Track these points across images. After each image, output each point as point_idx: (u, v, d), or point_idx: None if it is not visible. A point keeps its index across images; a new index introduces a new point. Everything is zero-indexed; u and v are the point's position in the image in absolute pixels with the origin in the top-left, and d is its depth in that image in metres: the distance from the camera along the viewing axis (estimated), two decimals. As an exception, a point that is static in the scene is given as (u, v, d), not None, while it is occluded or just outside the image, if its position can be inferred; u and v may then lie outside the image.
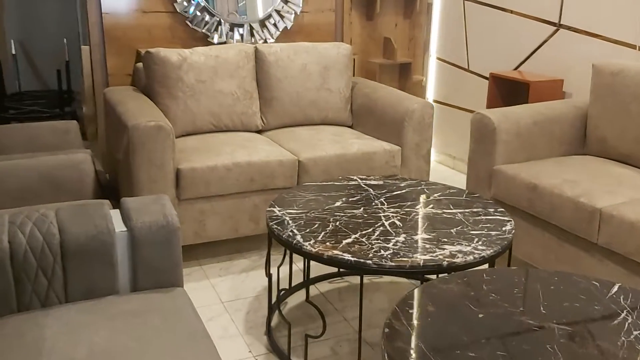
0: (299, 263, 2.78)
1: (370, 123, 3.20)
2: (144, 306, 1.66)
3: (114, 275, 1.76)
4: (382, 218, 2.07)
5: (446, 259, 1.77)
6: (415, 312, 1.51)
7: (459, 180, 3.93)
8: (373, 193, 2.31)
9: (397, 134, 2.98)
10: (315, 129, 3.19)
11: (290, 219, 2.05)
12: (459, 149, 4.16)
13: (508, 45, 3.68)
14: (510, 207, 2.58)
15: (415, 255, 1.79)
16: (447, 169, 4.22)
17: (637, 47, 2.89)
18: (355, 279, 2.67)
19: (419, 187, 2.39)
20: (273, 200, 2.23)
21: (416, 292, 1.61)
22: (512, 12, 3.62)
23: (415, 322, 1.46)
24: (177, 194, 2.58)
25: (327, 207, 2.16)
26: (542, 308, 1.53)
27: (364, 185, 2.39)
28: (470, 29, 3.97)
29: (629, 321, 1.47)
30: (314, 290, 2.55)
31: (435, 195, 2.31)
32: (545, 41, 3.42)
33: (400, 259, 1.77)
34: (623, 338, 1.40)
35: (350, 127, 3.35)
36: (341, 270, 2.69)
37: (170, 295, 1.76)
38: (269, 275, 2.18)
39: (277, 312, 2.37)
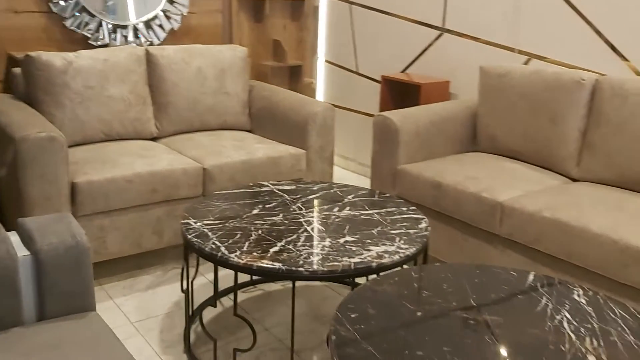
0: (207, 275, 2.68)
1: (271, 127, 3.16)
2: (59, 336, 1.50)
3: (18, 304, 1.58)
4: (304, 223, 2.05)
5: (375, 260, 1.79)
6: (357, 316, 1.51)
7: (356, 180, 4.02)
8: (288, 198, 2.28)
9: (300, 138, 2.98)
10: (215, 135, 3.10)
11: (209, 231, 1.96)
12: (352, 150, 4.26)
13: (395, 48, 3.82)
14: (415, 204, 2.68)
15: (344, 259, 1.79)
16: (340, 169, 4.30)
17: (516, 50, 3.13)
18: (268, 286, 2.62)
19: (332, 190, 2.40)
20: (185, 211, 2.12)
21: (353, 296, 1.61)
22: (397, 16, 3.77)
23: (359, 326, 1.46)
24: (74, 210, 2.37)
25: (245, 216, 2.09)
26: (472, 301, 1.60)
27: (277, 191, 2.36)
28: (358, 33, 4.08)
29: (550, 307, 1.58)
30: (227, 301, 2.47)
31: (349, 197, 2.34)
32: (430, 44, 3.59)
33: (331, 263, 1.76)
34: (549, 323, 1.50)
35: (249, 131, 3.29)
36: (254, 278, 2.64)
37: (85, 322, 1.61)
38: (186, 291, 2.07)
39: (196, 327, 2.27)
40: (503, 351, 1.37)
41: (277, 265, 1.75)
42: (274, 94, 3.22)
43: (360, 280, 2.58)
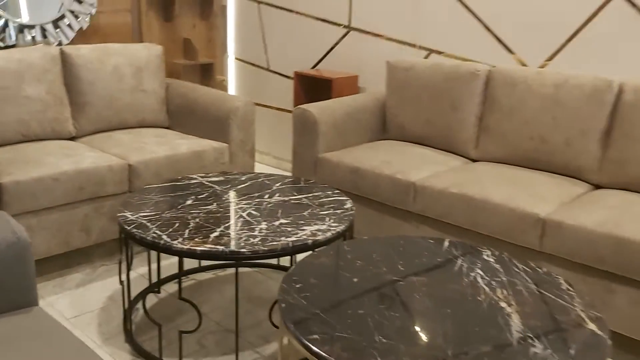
0: (138, 269, 2.72)
1: (190, 123, 3.24)
2: (7, 331, 1.54)
3: (-40, 303, 1.59)
4: (239, 210, 2.18)
5: (310, 238, 1.96)
6: (301, 286, 1.66)
7: (274, 172, 4.16)
8: (219, 189, 2.39)
9: (222, 132, 3.08)
10: (134, 132, 3.12)
11: (148, 222, 2.04)
12: (267, 144, 4.40)
13: (305, 46, 4.01)
14: (336, 189, 2.87)
15: (282, 239, 1.94)
16: (257, 163, 4.43)
17: (417, 46, 3.41)
18: (200, 276, 2.71)
19: (260, 180, 2.54)
20: (121, 205, 2.17)
21: (295, 269, 1.77)
22: (305, 15, 3.95)
23: (304, 294, 1.62)
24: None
25: (180, 207, 2.18)
26: (399, 266, 1.81)
27: (207, 183, 2.46)
28: (268, 31, 4.22)
29: (465, 267, 1.82)
30: (163, 292, 2.54)
31: (277, 185, 2.49)
32: (338, 41, 3.81)
33: (271, 243, 1.91)
34: (466, 279, 1.74)
35: (168, 128, 3.34)
36: (186, 269, 2.72)
37: (31, 316, 1.65)
38: (124, 280, 2.13)
39: (135, 318, 2.32)
40: (430, 304, 1.59)
41: (221, 247, 1.87)
42: (192, 91, 3.29)
43: (285, 262, 2.74)
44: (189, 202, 2.24)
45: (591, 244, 2.08)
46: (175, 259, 2.83)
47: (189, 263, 2.77)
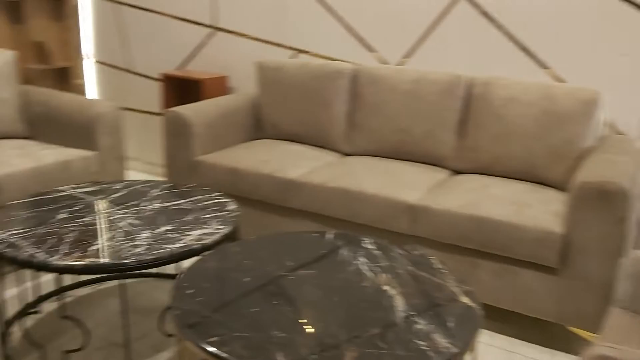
0: (12, 290, 2.53)
1: (54, 132, 3.05)
2: None
3: None
4: (117, 220, 2.11)
5: (197, 243, 1.95)
6: (193, 291, 1.66)
7: (145, 178, 4.03)
8: (93, 199, 2.29)
9: (89, 140, 2.94)
10: (-11, 145, 2.88)
11: (19, 239, 1.91)
12: (135, 149, 4.25)
13: (171, 47, 3.92)
14: (217, 192, 2.87)
15: (167, 246, 1.92)
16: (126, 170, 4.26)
17: (283, 46, 3.49)
18: (80, 291, 2.58)
19: (135, 187, 2.47)
20: (-16, 225, 2.01)
21: (185, 275, 1.76)
22: (169, 15, 3.87)
23: (198, 299, 1.62)
24: None
25: (52, 222, 2.07)
26: (287, 262, 1.87)
27: (78, 195, 2.35)
28: (130, 32, 4.07)
29: (349, 255, 1.93)
30: (40, 312, 2.38)
31: (155, 191, 2.43)
32: (204, 42, 3.78)
33: (156, 252, 1.87)
34: (351, 268, 1.84)
35: (28, 138, 3.12)
36: (62, 286, 2.57)
37: None
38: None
39: (16, 340, 2.16)
40: (320, 294, 1.67)
41: (103, 261, 1.80)
42: (53, 98, 3.10)
43: (169, 270, 2.70)
44: (61, 216, 2.13)
45: (456, 225, 2.29)
46: (51, 276, 2.67)
47: (67, 279, 2.62)
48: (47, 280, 2.62)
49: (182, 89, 3.80)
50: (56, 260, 1.79)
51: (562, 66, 2.77)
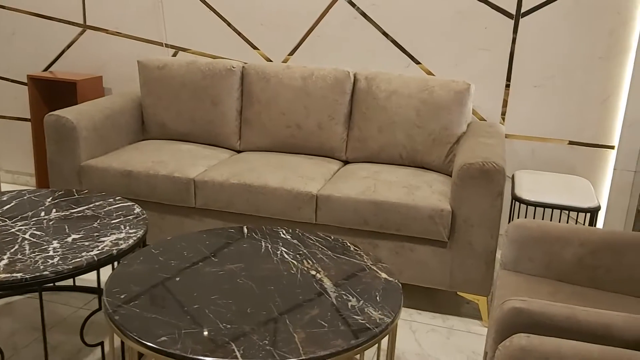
0: None
1: None
2: None
3: None
4: (18, 233, 1.99)
5: (114, 248, 1.91)
6: (125, 295, 1.64)
7: (16, 188, 3.73)
8: (-18, 213, 2.13)
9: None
10: None
11: None
12: (-4, 158, 3.91)
13: (35, 47, 3.66)
14: (116, 196, 2.77)
15: (83, 254, 1.85)
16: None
17: (164, 44, 3.44)
18: (-38, 316, 2.37)
19: (25, 197, 2.33)
20: None
21: (111, 281, 1.72)
22: (32, 14, 3.61)
23: (132, 303, 1.61)
24: None
25: (-58, 240, 1.90)
26: (213, 258, 1.90)
27: (-38, 209, 2.16)
28: (-19, 30, 3.73)
29: (270, 246, 2.01)
30: None
31: (48, 200, 2.31)
32: (74, 41, 3.59)
33: (74, 261, 1.81)
34: (275, 258, 1.93)
35: None
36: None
37: None
38: None
39: None
40: (254, 285, 1.74)
41: (18, 275, 1.71)
42: None
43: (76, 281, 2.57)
44: (-50, 233, 1.96)
45: (356, 210, 2.46)
46: None
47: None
48: None
49: (52, 91, 3.57)
50: (-38, 280, 1.66)
51: (430, 61, 3.07)
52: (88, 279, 2.70)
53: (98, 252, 1.88)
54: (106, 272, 2.76)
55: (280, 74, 2.97)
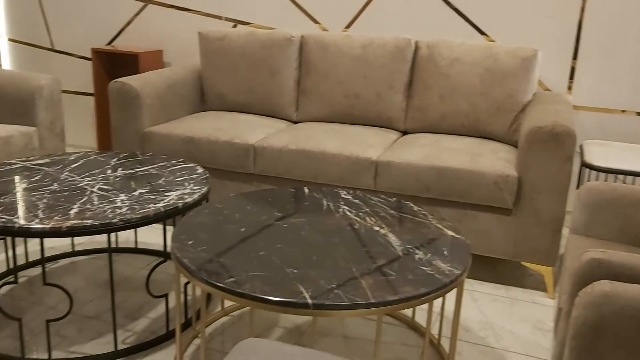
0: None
1: (-17, 109, 2.84)
2: None
3: None
4: (86, 187, 2.03)
5: (180, 201, 1.93)
6: (193, 242, 1.66)
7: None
8: (51, 170, 2.19)
9: (26, 115, 2.77)
10: None
11: (-13, 208, 1.80)
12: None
13: (97, 22, 3.76)
14: (179, 159, 2.82)
15: (150, 205, 1.88)
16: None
17: (223, 18, 3.47)
18: (37, 271, 2.45)
19: (92, 157, 2.38)
20: (-60, 197, 1.87)
21: (178, 229, 1.74)
22: (94, -11, 3.71)
23: (200, 248, 1.62)
24: None
25: (15, 191, 1.96)
26: (276, 212, 1.90)
27: (33, 166, 2.23)
28: (49, 8, 3.85)
29: (332, 205, 1.99)
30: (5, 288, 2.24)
31: (113, 160, 2.36)
32: (135, 16, 3.66)
33: (141, 211, 1.84)
34: (337, 214, 1.91)
35: (-49, 117, 2.89)
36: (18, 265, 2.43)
37: None
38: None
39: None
40: (318, 237, 1.72)
41: (89, 222, 1.74)
42: (-20, 72, 2.88)
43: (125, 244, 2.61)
44: (23, 185, 2.02)
45: (417, 177, 2.42)
46: (20, 250, 2.51)
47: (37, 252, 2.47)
48: (20, 254, 2.46)
49: (114, 65, 3.66)
50: (37, 224, 1.71)
51: (494, 31, 2.98)
52: (151, 242, 2.75)
53: (164, 204, 1.90)
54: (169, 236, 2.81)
55: (340, 43, 2.94)
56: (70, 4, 3.79)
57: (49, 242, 2.71)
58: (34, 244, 2.67)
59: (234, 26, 3.46)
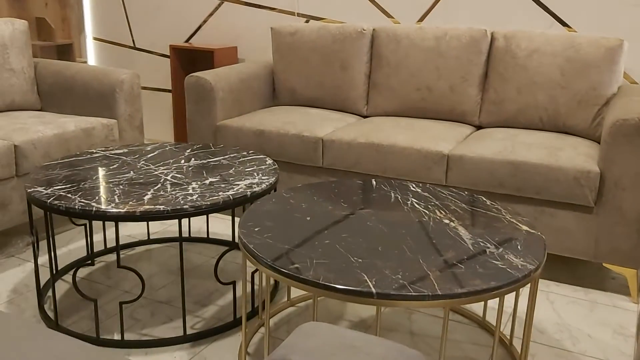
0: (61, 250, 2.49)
1: (68, 102, 3.00)
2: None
3: None
4: (160, 175, 2.10)
5: (248, 190, 1.95)
6: (259, 229, 1.67)
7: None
8: (128, 159, 2.27)
9: (108, 107, 2.90)
10: (6, 116, 2.82)
11: (68, 193, 1.89)
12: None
13: (175, 20, 3.88)
14: (250, 150, 2.87)
15: (220, 193, 1.91)
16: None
17: (296, 14, 3.49)
18: (113, 257, 2.55)
19: (167, 148, 2.45)
20: (28, 182, 1.98)
21: (246, 216, 1.76)
22: (173, -12, 3.84)
23: (267, 234, 1.63)
24: None
25: (94, 177, 2.05)
26: (343, 203, 1.88)
27: (112, 155, 2.32)
28: (131, 8, 4.02)
29: (400, 197, 1.95)
30: (79, 273, 2.35)
31: (187, 151, 2.42)
32: (212, 13, 3.76)
33: (211, 198, 1.87)
34: (405, 207, 1.86)
35: (40, 110, 3.07)
36: (96, 251, 2.54)
37: None
38: (34, 258, 1.95)
39: (70, 292, 2.13)
40: (385, 228, 1.69)
41: (161, 207, 1.79)
42: (67, 68, 3.04)
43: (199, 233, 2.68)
44: (101, 172, 2.10)
45: (491, 171, 2.33)
46: (99, 237, 2.64)
47: (113, 239, 2.59)
48: (98, 242, 2.59)
49: (191, 62, 3.77)
50: (113, 207, 1.78)
51: (575, 20, 2.83)
52: (221, 233, 2.81)
53: (233, 192, 1.93)
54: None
55: (412, 34, 2.89)
56: (150, 3, 3.93)
57: (127, 230, 2.82)
58: (111, 232, 2.79)
59: (307, 21, 3.47)
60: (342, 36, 3.03)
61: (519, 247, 1.58)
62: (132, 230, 2.82)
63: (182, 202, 1.84)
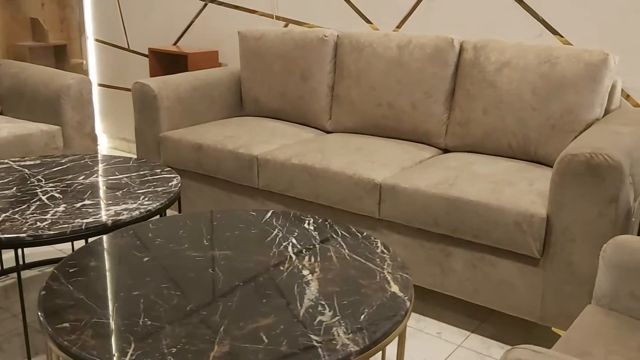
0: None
1: (22, 106, 2.90)
2: None
3: None
4: (39, 193, 1.91)
5: (111, 218, 1.73)
6: (75, 270, 1.43)
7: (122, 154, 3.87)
8: (29, 172, 2.11)
9: (54, 113, 2.77)
10: (-46, 119, 2.76)
11: None
12: (130, 130, 4.09)
13: (163, 22, 3.74)
14: (181, 170, 2.65)
15: (76, 220, 1.70)
16: (124, 153, 4.12)
17: (274, 16, 3.23)
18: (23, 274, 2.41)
19: (83, 161, 2.28)
20: None
21: (78, 252, 1.53)
22: (162, -11, 3.69)
23: (75, 279, 1.39)
24: None
25: (-30, 192, 1.89)
26: (204, 241, 1.61)
27: (17, 167, 2.17)
28: (125, 9, 3.91)
29: (280, 236, 1.65)
30: (-25, 295, 2.23)
31: (101, 165, 2.23)
32: (197, 16, 3.57)
33: (60, 226, 1.66)
34: (275, 250, 1.57)
35: (0, 113, 3.00)
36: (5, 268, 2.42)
37: None
38: None
39: None
40: (223, 278, 1.40)
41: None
42: (23, 70, 2.96)
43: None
44: (-15, 187, 1.95)
45: (425, 207, 1.96)
46: None
47: None
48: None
49: (170, 65, 3.60)
50: (-55, 232, 1.61)
51: (568, 29, 2.38)
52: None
53: (91, 220, 1.70)
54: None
55: (376, 42, 2.54)
56: (143, 4, 3.81)
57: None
58: None
59: (285, 26, 3.20)
60: (304, 42, 2.74)
61: (363, 316, 1.24)
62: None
63: (25, 229, 1.63)
